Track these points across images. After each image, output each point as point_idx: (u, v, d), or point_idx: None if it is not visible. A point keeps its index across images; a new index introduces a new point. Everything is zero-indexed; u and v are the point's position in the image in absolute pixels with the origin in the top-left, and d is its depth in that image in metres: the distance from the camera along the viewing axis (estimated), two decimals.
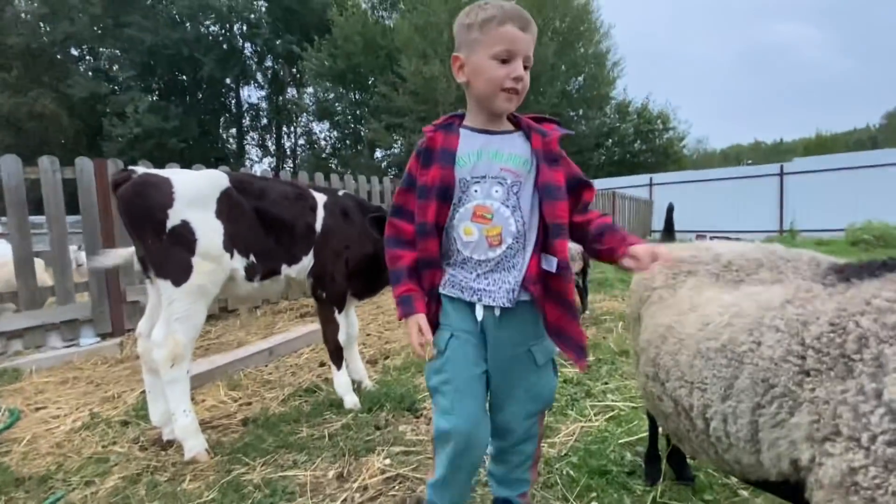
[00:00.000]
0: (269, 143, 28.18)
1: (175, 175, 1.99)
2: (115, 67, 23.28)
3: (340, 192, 2.65)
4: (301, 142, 28.25)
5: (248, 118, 27.59)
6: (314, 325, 4.10)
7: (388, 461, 1.93)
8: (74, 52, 23.23)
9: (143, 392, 2.74)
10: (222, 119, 26.88)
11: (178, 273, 1.91)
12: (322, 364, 3.27)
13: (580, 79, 23.41)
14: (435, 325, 1.24)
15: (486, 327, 1.19)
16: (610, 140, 24.45)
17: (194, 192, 1.97)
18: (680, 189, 15.52)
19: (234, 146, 26.99)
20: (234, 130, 27.47)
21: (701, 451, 1.04)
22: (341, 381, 2.51)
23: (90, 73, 22.69)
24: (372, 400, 2.49)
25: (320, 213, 2.41)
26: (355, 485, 1.78)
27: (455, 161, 1.18)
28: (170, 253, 1.91)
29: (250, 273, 2.17)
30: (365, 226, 2.47)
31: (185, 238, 1.92)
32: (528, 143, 1.22)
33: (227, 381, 2.95)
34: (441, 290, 1.23)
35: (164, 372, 1.94)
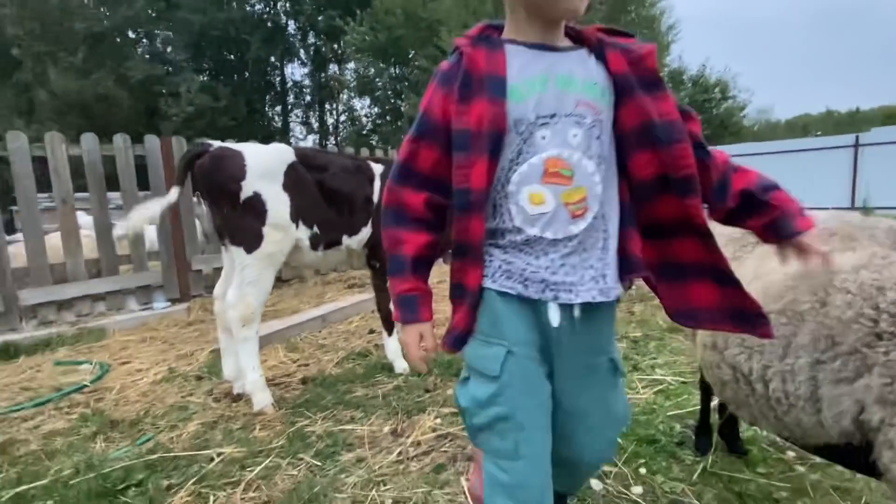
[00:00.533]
0: (313, 120, 28.74)
1: (247, 149, 2.12)
2: (169, 49, 24.30)
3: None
4: (342, 118, 28.62)
5: (291, 95, 28.17)
6: (362, 296, 4.28)
7: (438, 420, 2.04)
8: (132, 35, 24.37)
9: (212, 351, 3.00)
10: (268, 97, 27.59)
11: (250, 241, 2.06)
12: (371, 331, 3.42)
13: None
14: (467, 333, 0.91)
15: (559, 334, 0.86)
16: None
17: (264, 166, 2.09)
18: (739, 162, 14.52)
19: (280, 123, 27.71)
20: (279, 108, 28.16)
21: (761, 416, 1.05)
22: (392, 347, 2.63)
23: (146, 56, 23.81)
24: None
25: (377, 185, 2.47)
26: (409, 440, 1.90)
27: (507, 93, 0.80)
28: (243, 222, 2.05)
29: (314, 243, 2.30)
30: None
31: (256, 209, 2.06)
32: (603, 64, 0.83)
33: (285, 344, 3.16)
34: (489, 285, 0.87)
35: (236, 331, 2.12)
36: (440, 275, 5.42)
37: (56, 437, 2.05)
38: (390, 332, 2.63)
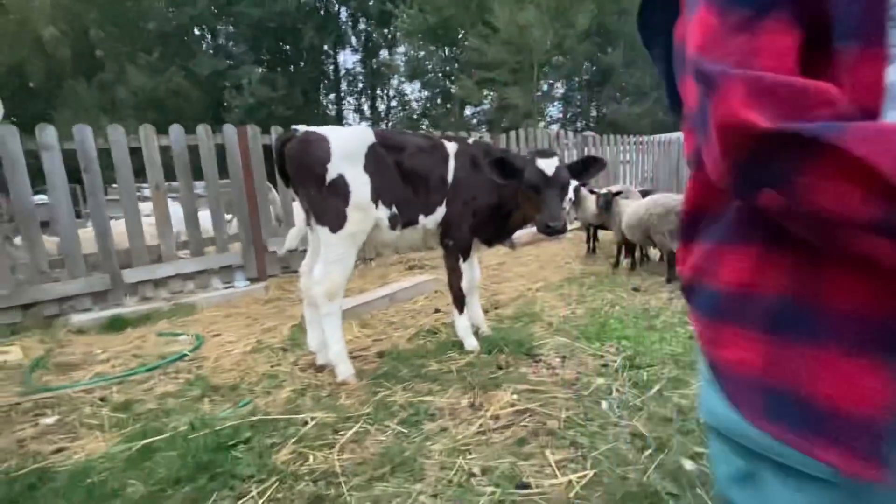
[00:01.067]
0: (365, 107, 29.26)
1: (331, 133, 2.20)
2: (231, 44, 25.54)
3: (470, 140, 2.70)
4: (394, 103, 28.92)
5: (344, 83, 28.78)
6: (423, 276, 4.37)
7: (515, 396, 2.07)
8: (197, 32, 25.80)
9: (293, 325, 3.20)
10: (322, 86, 28.38)
11: (335, 221, 2.17)
12: (437, 311, 3.50)
13: None
14: None
15: None
16: None
17: (347, 148, 2.18)
18: None
19: (334, 111, 28.47)
20: (332, 96, 28.91)
21: None
22: (462, 325, 2.68)
23: (211, 52, 25.18)
24: (491, 343, 2.64)
25: (451, 164, 2.49)
26: (488, 413, 1.94)
27: None
28: (328, 203, 2.16)
29: (393, 222, 2.36)
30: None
31: (340, 190, 2.15)
32: None
33: (357, 321, 3.31)
34: None
35: (321, 306, 2.24)
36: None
37: (168, 398, 2.28)
38: (461, 311, 2.67)
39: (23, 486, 1.61)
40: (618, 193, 4.56)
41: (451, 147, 2.52)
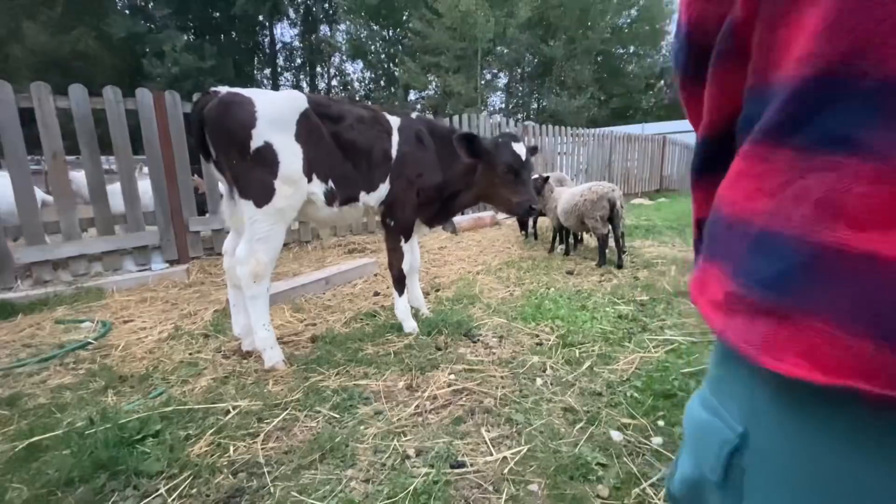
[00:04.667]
0: (304, 84, 27.85)
1: (257, 95, 1.98)
2: (151, 5, 23.10)
3: (413, 115, 2.59)
4: (335, 83, 27.78)
5: (281, 58, 27.19)
6: (364, 259, 4.24)
7: (452, 376, 2.05)
8: None
9: (217, 311, 2.96)
10: (256, 59, 26.59)
11: (261, 195, 1.97)
12: (376, 293, 3.40)
13: (633, 11, 21.59)
14: None
15: None
16: (662, 81, 22.84)
17: (276, 113, 1.96)
18: None
19: (269, 87, 26.83)
20: (268, 71, 27.22)
21: None
22: (402, 307, 2.61)
23: (127, 12, 22.64)
24: (430, 325, 2.60)
25: (395, 139, 2.36)
26: (425, 394, 1.90)
27: None
28: (253, 175, 1.95)
29: (330, 199, 2.20)
30: (439, 152, 2.44)
31: (268, 160, 1.95)
32: None
33: (290, 305, 3.13)
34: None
35: (246, 288, 2.07)
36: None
37: (65, 391, 2.02)
38: (401, 293, 2.60)
39: None
40: (546, 179, 4.67)
41: (395, 120, 2.39)
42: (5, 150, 3.36)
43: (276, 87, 27.35)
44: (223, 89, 1.98)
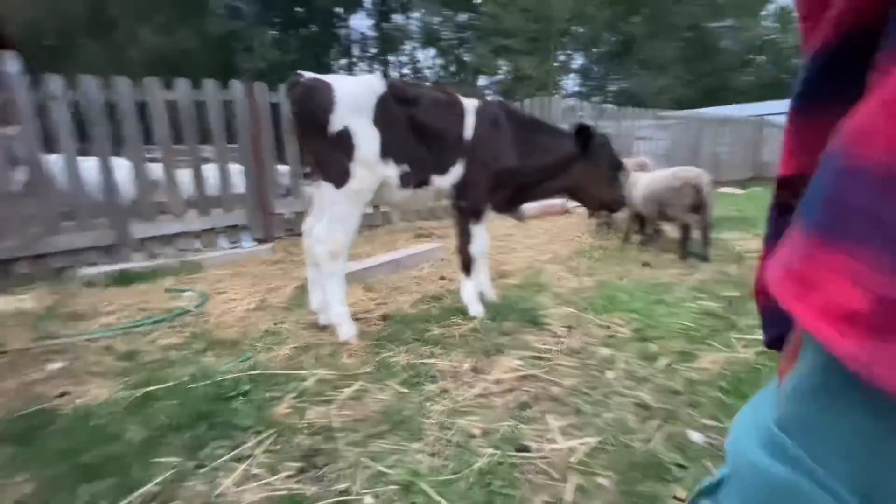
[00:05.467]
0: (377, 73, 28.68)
1: (336, 80, 2.07)
2: (242, 6, 24.89)
3: (490, 98, 2.58)
4: (406, 70, 28.25)
5: (357, 48, 28.11)
6: (431, 244, 4.32)
7: (519, 362, 2.03)
8: None
9: (296, 287, 3.18)
10: (333, 51, 27.73)
11: (339, 177, 2.07)
12: (442, 278, 3.45)
13: None
14: None
15: None
16: (763, 56, 20.49)
17: (354, 99, 2.04)
18: None
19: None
20: (344, 61, 28.28)
21: None
22: (468, 291, 2.63)
23: (221, 11, 24.58)
24: (496, 310, 2.60)
25: (470, 121, 2.35)
26: (490, 377, 1.91)
27: None
28: (332, 158, 2.05)
29: (405, 181, 2.25)
30: (515, 137, 2.43)
31: (346, 143, 2.03)
32: None
33: (362, 285, 3.28)
34: None
35: (324, 265, 2.20)
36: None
37: (171, 350, 2.29)
38: (468, 275, 2.61)
39: (26, 425, 1.62)
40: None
41: (470, 104, 2.38)
42: (126, 137, 3.83)
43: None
44: (308, 74, 2.09)
